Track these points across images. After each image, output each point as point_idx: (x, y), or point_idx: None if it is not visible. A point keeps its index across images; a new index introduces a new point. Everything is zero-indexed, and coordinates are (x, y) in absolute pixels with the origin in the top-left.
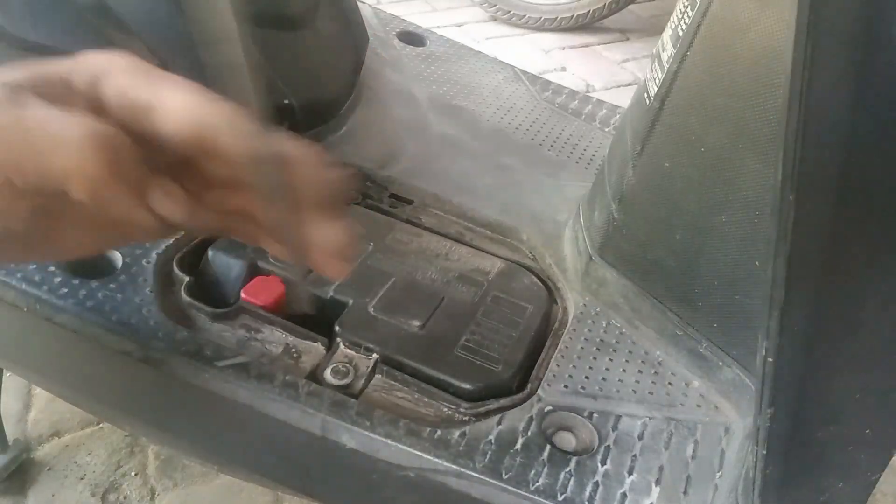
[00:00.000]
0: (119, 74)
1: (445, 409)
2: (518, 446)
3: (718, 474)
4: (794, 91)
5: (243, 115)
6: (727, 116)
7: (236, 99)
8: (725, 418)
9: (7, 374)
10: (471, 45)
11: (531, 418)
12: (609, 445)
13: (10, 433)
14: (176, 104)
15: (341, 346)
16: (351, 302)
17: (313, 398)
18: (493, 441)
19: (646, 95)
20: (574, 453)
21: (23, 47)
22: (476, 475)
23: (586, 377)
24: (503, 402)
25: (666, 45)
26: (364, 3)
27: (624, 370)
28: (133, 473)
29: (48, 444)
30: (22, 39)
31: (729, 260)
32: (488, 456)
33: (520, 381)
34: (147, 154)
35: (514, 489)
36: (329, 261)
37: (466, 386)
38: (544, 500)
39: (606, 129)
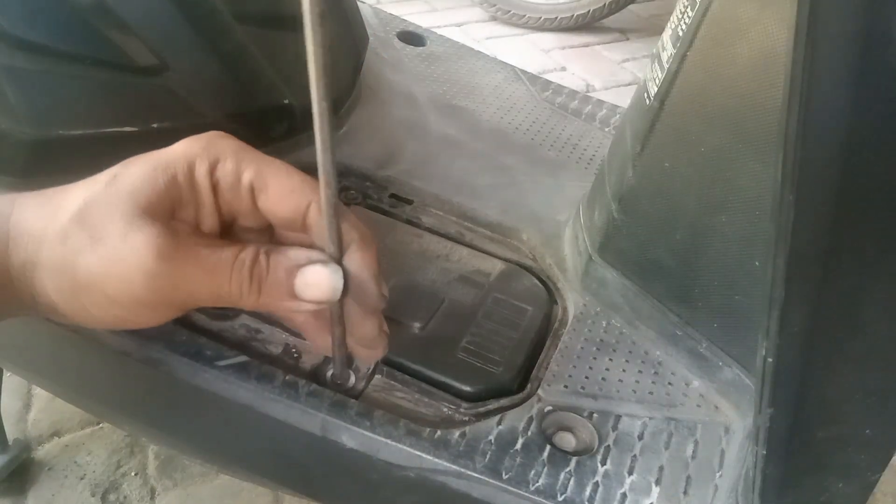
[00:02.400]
0: (228, 158)
1: (445, 410)
2: (518, 446)
3: (718, 474)
4: (793, 91)
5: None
6: (727, 116)
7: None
8: (725, 418)
9: (7, 374)
10: (471, 45)
11: (531, 418)
12: (609, 445)
13: (10, 433)
14: (282, 188)
15: None
16: None
17: (313, 398)
18: (493, 441)
19: (646, 95)
20: (574, 453)
21: (23, 47)
22: (476, 475)
23: (586, 377)
24: (503, 402)
25: (666, 45)
26: (364, 3)
27: (624, 370)
28: (133, 473)
29: (48, 444)
30: (22, 39)
31: (729, 260)
32: (488, 456)
33: (520, 381)
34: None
35: (514, 489)
36: (363, 351)
37: (467, 388)
38: (544, 500)
39: (606, 129)
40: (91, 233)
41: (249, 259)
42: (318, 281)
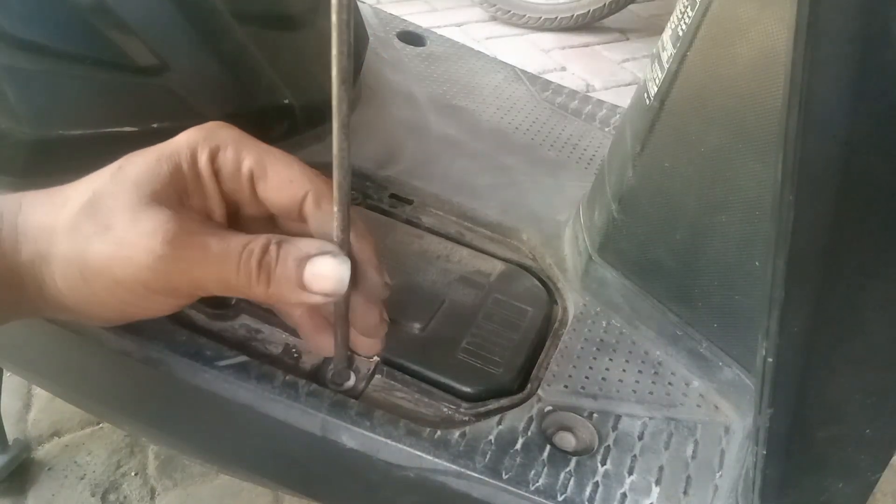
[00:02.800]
0: (229, 147)
1: (445, 410)
2: (518, 446)
3: (718, 474)
4: (793, 91)
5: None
6: (727, 116)
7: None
8: (725, 418)
9: (7, 374)
10: (471, 45)
11: (531, 418)
12: (609, 445)
13: (10, 433)
14: (281, 176)
15: None
16: None
17: (313, 398)
18: (493, 441)
19: (646, 95)
20: (574, 453)
21: (23, 47)
22: (476, 475)
23: (586, 377)
24: (503, 402)
25: (666, 45)
26: (364, 3)
27: (624, 370)
28: (133, 473)
29: (48, 444)
30: (22, 39)
31: (729, 260)
32: (488, 456)
33: (520, 381)
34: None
35: (514, 489)
36: (363, 341)
37: (467, 388)
38: (544, 500)
39: (606, 129)
40: (100, 221)
41: (259, 249)
42: (326, 272)
